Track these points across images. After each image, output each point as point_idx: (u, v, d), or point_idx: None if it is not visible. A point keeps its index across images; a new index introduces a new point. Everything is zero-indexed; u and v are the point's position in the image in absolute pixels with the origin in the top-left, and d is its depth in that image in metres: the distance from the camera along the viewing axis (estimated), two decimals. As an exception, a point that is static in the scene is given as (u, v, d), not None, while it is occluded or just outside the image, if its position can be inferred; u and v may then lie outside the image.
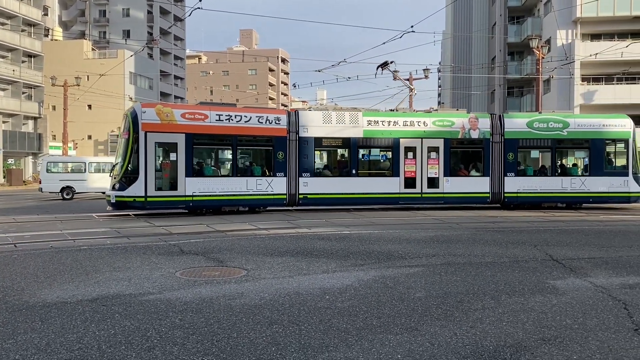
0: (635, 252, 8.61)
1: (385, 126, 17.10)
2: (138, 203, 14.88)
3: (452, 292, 5.90)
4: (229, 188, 15.73)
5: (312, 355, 3.98)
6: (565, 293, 5.86)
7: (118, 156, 15.63)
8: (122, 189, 14.90)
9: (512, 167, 17.46)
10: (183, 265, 7.42)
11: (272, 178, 16.18)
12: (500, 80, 45.82)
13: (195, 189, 15.32)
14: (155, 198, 14.98)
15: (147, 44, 47.27)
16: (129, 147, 14.92)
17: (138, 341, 4.27)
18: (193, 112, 15.58)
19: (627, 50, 31.85)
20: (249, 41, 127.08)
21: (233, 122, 15.87)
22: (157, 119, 15.01)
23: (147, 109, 15.15)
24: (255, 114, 16.33)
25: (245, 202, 16.05)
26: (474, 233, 11.17)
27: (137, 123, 14.89)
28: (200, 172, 15.66)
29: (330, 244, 9.41)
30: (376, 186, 17.14)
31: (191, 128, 15.34)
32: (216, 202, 15.74)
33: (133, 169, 14.87)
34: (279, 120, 16.36)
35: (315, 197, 16.60)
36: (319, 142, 16.82)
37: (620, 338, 4.35)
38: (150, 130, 14.92)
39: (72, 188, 24.77)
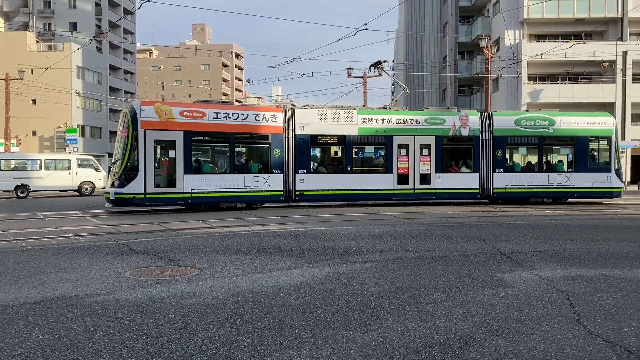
0: (577, 245, 8.98)
1: (379, 124, 17.51)
2: (137, 200, 15.11)
3: (404, 286, 5.99)
4: (226, 185, 15.99)
5: (265, 353, 3.95)
6: (513, 285, 6.05)
7: (117, 154, 15.77)
8: (122, 185, 15.06)
9: (500, 163, 18.08)
10: (133, 265, 7.23)
11: (269, 175, 16.44)
12: (451, 78, 46.86)
13: (193, 185, 15.55)
14: (154, 195, 15.20)
15: (95, 37, 45.85)
16: (128, 145, 15.10)
17: (85, 344, 4.13)
18: (191, 110, 15.80)
19: (571, 51, 33.18)
20: (202, 36, 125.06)
21: (230, 119, 16.13)
22: (156, 117, 15.26)
23: (146, 106, 15.39)
24: (252, 112, 16.68)
25: (243, 198, 16.32)
26: (426, 228, 11.39)
27: (136, 121, 15.07)
28: (199, 169, 15.91)
29: (285, 241, 9.39)
30: (370, 182, 17.52)
31: (189, 126, 15.59)
32: (214, 199, 15.98)
33: (132, 166, 15.05)
34: (276, 117, 16.62)
35: (312, 193, 16.94)
36: (314, 140, 17.09)
37: (563, 328, 4.53)
38: (149, 127, 15.12)
39: (27, 186, 24.32)
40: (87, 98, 58.87)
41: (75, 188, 25.43)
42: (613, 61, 35.12)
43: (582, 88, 37.06)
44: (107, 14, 64.52)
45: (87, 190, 25.55)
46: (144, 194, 15.04)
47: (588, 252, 8.24)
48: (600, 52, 34.25)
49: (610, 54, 34.95)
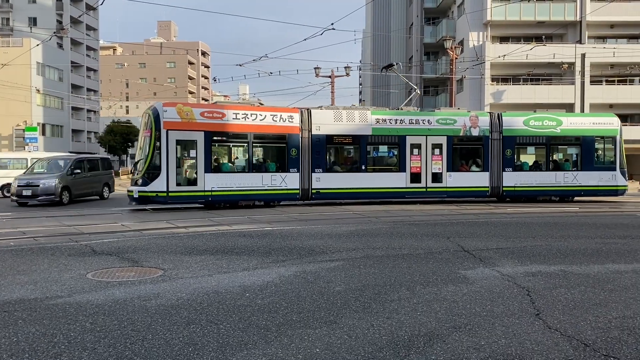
0: (537, 242, 9.22)
1: (393, 124, 18.05)
2: (160, 198, 15.59)
3: (370, 284, 6.04)
4: (245, 183, 16.53)
5: (230, 353, 3.93)
6: (475, 282, 6.17)
7: (140, 153, 16.32)
8: (145, 184, 15.58)
9: (510, 162, 18.65)
10: (95, 266, 7.08)
11: (286, 174, 16.95)
12: (416, 79, 47.42)
13: (213, 184, 16.06)
14: (176, 193, 15.68)
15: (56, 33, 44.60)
16: (151, 145, 15.61)
17: (44, 348, 4.02)
18: (211, 111, 16.36)
19: (532, 53, 34.03)
20: (167, 33, 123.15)
21: (249, 120, 16.62)
22: (178, 118, 15.75)
23: (168, 108, 15.83)
24: (269, 113, 17.08)
25: (261, 196, 16.87)
26: (392, 227, 11.50)
27: (159, 121, 15.56)
28: (218, 168, 16.39)
29: (252, 241, 9.34)
30: (384, 181, 18.00)
31: (210, 126, 16.10)
32: (233, 197, 16.47)
33: (155, 166, 15.56)
34: (292, 118, 17.14)
35: (327, 191, 17.44)
36: (330, 139, 17.55)
37: (523, 323, 4.65)
38: (171, 128, 15.61)
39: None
40: (47, 95, 57.28)
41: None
42: (572, 63, 36.17)
43: (543, 89, 38.06)
44: (69, 9, 62.86)
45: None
46: (166, 192, 15.52)
47: (548, 249, 8.47)
48: (560, 54, 35.22)
49: (569, 56, 35.98)
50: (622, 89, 38.07)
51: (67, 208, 16.93)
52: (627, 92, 37.70)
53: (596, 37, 39.57)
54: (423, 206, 17.13)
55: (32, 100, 53.35)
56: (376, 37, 56.95)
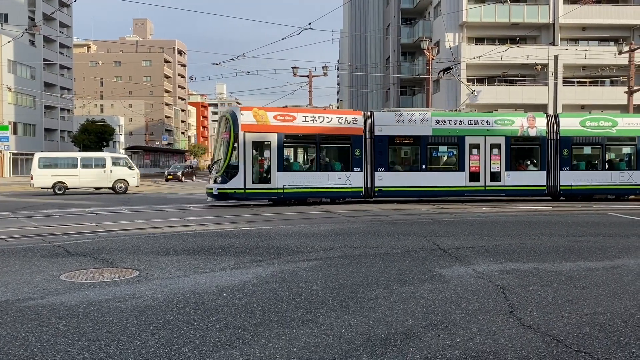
0: (512, 241, 9.37)
1: (452, 125, 18.64)
2: (238, 194, 16.82)
3: (347, 283, 6.06)
4: (313, 181, 17.53)
5: (206, 354, 3.90)
6: (451, 280, 6.24)
7: (218, 154, 17.65)
8: (224, 182, 16.84)
9: (567, 162, 19.11)
10: (69, 267, 6.96)
11: (351, 173, 17.82)
12: (394, 79, 47.74)
13: (285, 182, 17.16)
14: (252, 190, 16.88)
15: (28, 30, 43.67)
16: (230, 146, 16.82)
17: (15, 351, 3.94)
18: (283, 114, 17.45)
19: (506, 54, 34.51)
20: (143, 31, 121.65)
21: (317, 122, 17.69)
22: (254, 121, 16.92)
23: (245, 111, 17.08)
24: (335, 115, 18.14)
25: (328, 194, 17.81)
26: (369, 226, 11.56)
27: (237, 124, 16.79)
28: (289, 167, 17.62)
29: (229, 241, 9.29)
30: (444, 180, 18.65)
31: (282, 128, 17.24)
32: (303, 194, 17.49)
33: (233, 165, 16.79)
34: (356, 120, 18.05)
35: (389, 190, 18.18)
36: (392, 140, 18.36)
37: (497, 320, 4.72)
38: (248, 130, 16.82)
39: (64, 184, 25.23)
40: (19, 93, 56.10)
41: (110, 186, 25.98)
42: (545, 64, 36.83)
43: (517, 90, 38.68)
44: (41, 5, 61.65)
45: (120, 189, 25.97)
46: (243, 189, 16.72)
47: (522, 247, 8.62)
48: (533, 56, 35.83)
49: (543, 57, 36.64)
50: (593, 90, 38.94)
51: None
52: (599, 93, 38.58)
53: (569, 39, 40.40)
54: (400, 205, 17.26)
55: (3, 98, 52.19)
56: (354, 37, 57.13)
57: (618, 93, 37.22)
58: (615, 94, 37.44)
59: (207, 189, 17.85)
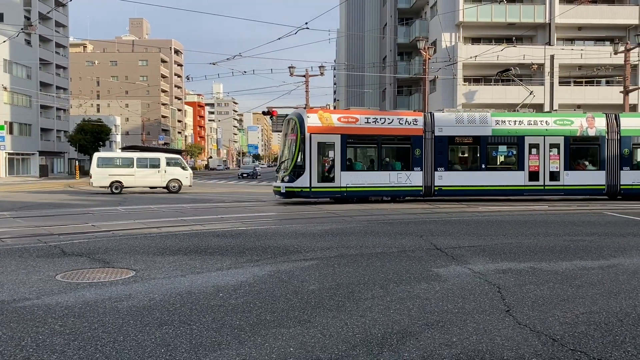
0: (508, 240, 9.39)
1: (512, 125, 19.08)
2: (304, 192, 17.77)
3: (344, 283, 6.07)
4: (374, 180, 18.28)
5: (203, 354, 3.90)
6: (447, 280, 6.25)
7: (284, 155, 18.63)
8: (292, 181, 17.81)
9: (627, 161, 19.35)
10: (65, 267, 6.94)
11: (410, 172, 18.49)
12: (390, 79, 47.77)
13: (348, 181, 17.97)
14: (317, 188, 17.79)
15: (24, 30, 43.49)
16: (297, 147, 17.74)
17: (11, 352, 3.93)
18: (347, 116, 18.31)
19: (503, 54, 34.58)
20: (139, 31, 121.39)
21: (378, 124, 18.43)
22: (319, 123, 17.85)
23: (311, 114, 18.06)
24: (396, 117, 18.87)
25: (388, 192, 18.49)
26: (365, 225, 11.57)
27: (303, 126, 17.72)
28: (352, 166, 18.30)
29: (225, 240, 9.29)
30: (503, 179, 19.02)
31: (345, 130, 18.07)
32: (365, 193, 18.25)
33: (300, 165, 17.72)
34: (416, 121, 18.68)
35: (449, 189, 18.72)
36: (452, 140, 18.85)
37: (494, 319, 4.73)
38: (314, 132, 17.74)
39: (121, 183, 25.89)
40: (15, 93, 55.93)
41: (164, 185, 26.52)
42: (542, 64, 36.90)
43: (514, 89, 38.70)
44: (37, 5, 61.42)
45: (174, 188, 26.49)
46: (309, 187, 17.65)
47: (518, 247, 8.64)
48: (529, 56, 35.91)
49: (539, 57, 36.72)
50: (589, 89, 39.04)
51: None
52: (594, 93, 38.68)
53: (565, 39, 40.50)
54: (396, 205, 17.28)
55: (-1, 98, 52.02)
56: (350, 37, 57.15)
57: (614, 93, 37.35)
58: (612, 94, 37.55)
59: (275, 187, 18.93)
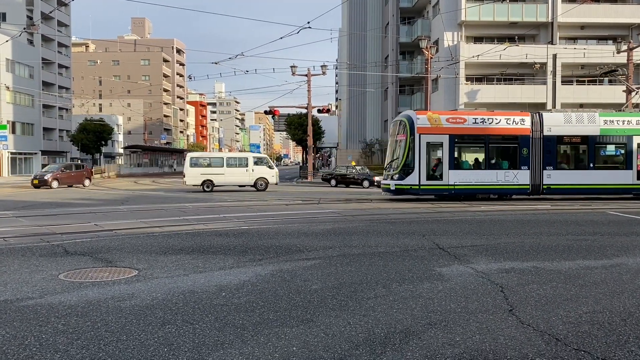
0: (510, 239, 9.38)
1: (620, 125, 19.38)
2: (413, 190, 18.73)
3: (346, 282, 6.06)
4: (481, 179, 18.93)
5: (206, 353, 3.90)
6: (450, 279, 6.25)
7: (393, 154, 19.60)
8: (401, 179, 18.75)
9: None
10: (68, 266, 6.95)
11: (518, 170, 19.02)
12: (392, 78, 47.71)
13: (456, 179, 18.71)
14: (426, 186, 18.70)
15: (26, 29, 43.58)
16: (407, 147, 18.62)
17: (14, 350, 3.94)
18: (455, 117, 19.09)
19: (505, 53, 34.53)
20: (141, 30, 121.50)
21: (485, 124, 19.03)
22: (428, 124, 18.66)
23: (420, 115, 18.91)
24: (503, 117, 19.33)
25: (495, 190, 19.18)
26: (368, 225, 11.56)
27: (413, 127, 18.59)
28: (459, 165, 19.03)
29: (228, 239, 9.29)
30: (610, 178, 19.40)
31: (453, 130, 18.76)
32: (472, 191, 18.95)
33: (409, 164, 18.60)
34: (524, 121, 19.13)
35: (557, 187, 19.10)
36: (560, 140, 19.27)
37: (497, 319, 4.72)
38: (423, 132, 18.57)
39: (212, 182, 26.67)
40: (17, 93, 56.01)
41: (252, 184, 27.16)
42: (544, 63, 36.84)
43: (516, 89, 38.69)
44: (39, 4, 61.51)
45: (261, 186, 27.01)
46: (418, 185, 18.58)
47: (521, 246, 8.62)
48: (532, 55, 35.85)
49: (541, 56, 36.65)
50: (592, 88, 38.96)
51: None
52: (597, 92, 38.59)
53: (567, 38, 40.40)
54: (399, 204, 17.27)
55: (2, 97, 52.11)
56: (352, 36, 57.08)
57: (616, 92, 37.23)
58: (614, 93, 37.45)
59: (384, 184, 19.90)
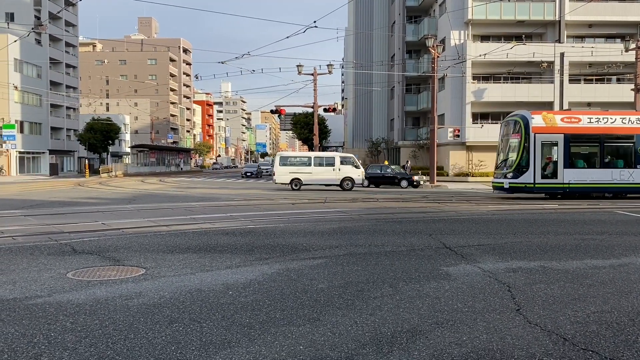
0: (518, 239, 9.34)
1: None
2: (528, 188, 19.33)
3: (353, 281, 6.06)
4: (596, 178, 19.33)
5: (213, 352, 3.92)
6: (457, 278, 6.23)
7: (505, 153, 20.25)
8: (515, 177, 19.43)
9: None
10: (75, 265, 7.00)
11: (633, 169, 19.43)
12: (399, 77, 47.62)
13: (570, 178, 19.20)
14: (540, 184, 19.25)
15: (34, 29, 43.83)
16: (521, 146, 19.28)
17: (23, 348, 3.97)
18: (569, 117, 19.58)
19: (512, 52, 34.40)
20: (148, 30, 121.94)
21: (600, 123, 19.48)
22: (542, 123, 19.23)
23: (535, 115, 19.46)
24: (618, 116, 19.80)
25: (610, 189, 19.58)
26: (374, 224, 11.56)
27: (528, 127, 19.19)
28: (574, 164, 19.42)
29: (235, 238, 9.31)
30: None
31: (568, 129, 19.30)
32: (586, 189, 19.45)
33: (524, 163, 19.21)
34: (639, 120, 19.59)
35: None
36: None
37: (504, 318, 4.71)
38: (538, 132, 19.18)
39: (300, 180, 27.32)
40: (25, 92, 56.35)
41: (338, 183, 27.42)
42: (551, 62, 36.65)
43: (523, 87, 38.52)
44: (47, 4, 61.83)
45: (347, 185, 27.31)
46: (533, 183, 19.17)
47: (528, 245, 8.59)
48: (539, 53, 35.68)
49: (548, 55, 36.47)
50: (600, 87, 38.73)
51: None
52: (605, 91, 38.37)
53: (575, 36, 40.18)
54: (405, 204, 17.23)
55: (10, 97, 52.44)
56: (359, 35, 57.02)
57: (625, 90, 36.99)
58: (622, 92, 37.23)
59: (496, 182, 20.45)
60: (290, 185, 27.44)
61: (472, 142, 38.20)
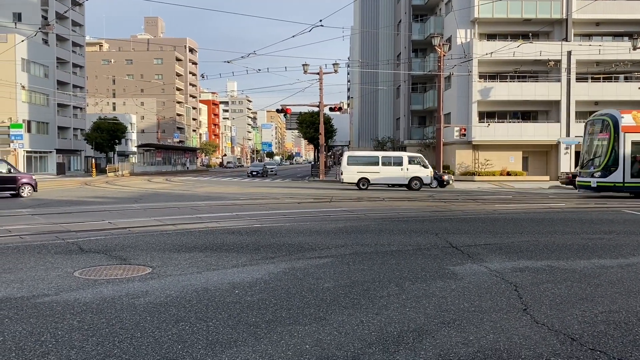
0: (525, 238, 9.30)
1: None
2: (617, 187, 19.43)
3: (359, 280, 6.06)
4: None
5: (219, 350, 3.92)
6: (464, 278, 6.21)
7: (592, 152, 20.34)
8: (604, 176, 19.52)
9: None
10: (82, 264, 7.02)
11: None
12: (405, 76, 47.50)
13: None
14: (630, 184, 19.30)
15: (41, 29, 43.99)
16: (610, 145, 19.38)
17: (31, 347, 3.99)
18: None
19: (519, 50, 34.23)
20: (154, 29, 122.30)
21: None
22: (633, 122, 19.22)
23: (624, 115, 19.47)
24: None
25: None
26: (380, 223, 11.54)
27: (617, 126, 19.23)
28: None
29: (240, 238, 9.32)
30: None
31: None
32: None
33: (613, 162, 19.30)
34: None
35: None
36: None
37: (511, 318, 4.69)
38: (628, 131, 19.18)
39: (367, 179, 27.15)
40: (33, 92, 56.64)
41: (406, 182, 26.99)
42: (558, 60, 36.46)
43: (530, 86, 38.33)
44: (54, 4, 62.09)
45: (415, 185, 26.90)
46: (622, 182, 19.26)
47: (535, 245, 8.55)
48: (546, 52, 35.49)
49: (555, 53, 36.28)
50: (607, 86, 38.49)
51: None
52: (612, 89, 38.12)
53: (582, 34, 39.95)
54: (411, 203, 17.20)
55: (17, 96, 52.72)
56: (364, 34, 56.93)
57: (632, 89, 36.77)
58: (630, 90, 36.99)
59: (582, 182, 20.42)
60: (358, 184, 27.06)
61: (478, 141, 38.07)
